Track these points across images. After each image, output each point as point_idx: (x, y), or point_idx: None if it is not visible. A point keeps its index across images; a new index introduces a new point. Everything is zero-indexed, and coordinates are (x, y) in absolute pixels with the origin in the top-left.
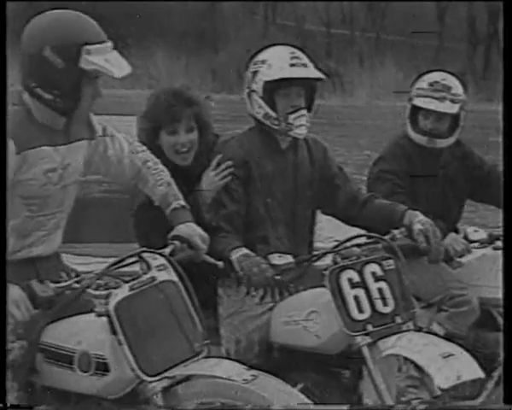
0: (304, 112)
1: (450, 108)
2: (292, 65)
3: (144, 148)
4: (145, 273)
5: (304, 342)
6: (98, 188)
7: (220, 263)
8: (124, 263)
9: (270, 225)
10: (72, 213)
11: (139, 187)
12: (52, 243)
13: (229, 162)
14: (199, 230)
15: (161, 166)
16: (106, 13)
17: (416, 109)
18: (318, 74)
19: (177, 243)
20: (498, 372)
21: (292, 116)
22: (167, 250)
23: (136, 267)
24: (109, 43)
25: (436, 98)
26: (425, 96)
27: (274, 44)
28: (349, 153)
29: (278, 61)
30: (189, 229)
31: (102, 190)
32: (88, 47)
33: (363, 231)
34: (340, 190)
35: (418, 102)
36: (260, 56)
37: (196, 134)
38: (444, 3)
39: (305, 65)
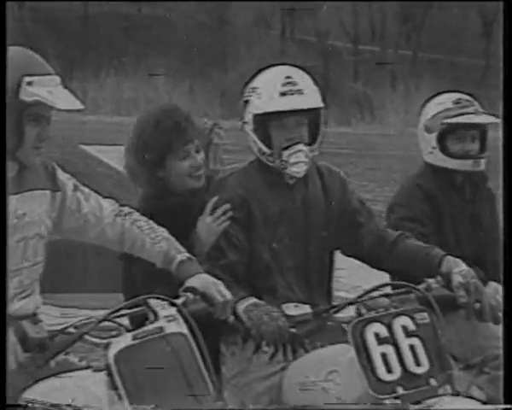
0: (300, 147)
1: (490, 119)
2: (282, 94)
3: (131, 209)
4: (152, 323)
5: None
6: None
7: (231, 317)
8: (128, 311)
9: (277, 273)
10: (55, 258)
11: (126, 250)
12: (28, 302)
13: (228, 206)
14: (214, 280)
15: (155, 225)
16: (100, 23)
17: (444, 135)
18: (313, 103)
19: (189, 294)
20: None
21: (286, 152)
22: (179, 301)
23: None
24: (57, 78)
25: (472, 113)
26: (458, 115)
27: (272, 66)
28: (380, 188)
29: (268, 90)
30: (203, 280)
31: None
32: (29, 78)
33: (391, 278)
34: (362, 227)
35: (459, 119)
36: (254, 83)
37: (203, 153)
38: (490, 16)
39: (300, 92)
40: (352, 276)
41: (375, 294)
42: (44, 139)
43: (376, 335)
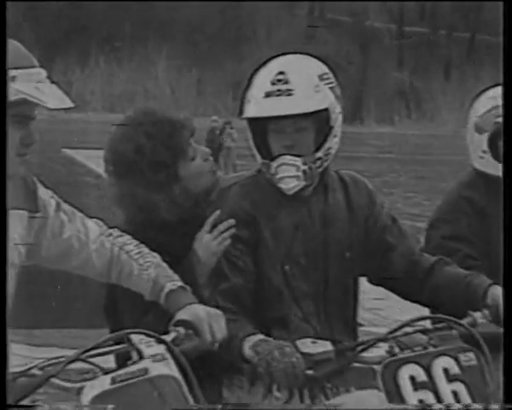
0: (288, 159)
1: None
2: (267, 95)
3: (121, 233)
4: (135, 363)
5: None
6: None
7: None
8: (105, 349)
9: (291, 301)
10: (27, 287)
11: (113, 280)
12: None
13: (231, 221)
14: (210, 312)
15: (146, 249)
16: (89, 4)
17: (497, 137)
18: (303, 107)
19: (181, 329)
20: None
21: (273, 164)
22: (169, 337)
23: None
24: (43, 71)
25: None
26: None
27: (284, 54)
28: (429, 201)
29: (255, 91)
30: (198, 312)
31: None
32: (12, 72)
33: (430, 311)
34: (394, 250)
35: None
36: (253, 79)
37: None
38: None
39: (288, 92)
40: (393, 308)
41: (410, 329)
42: (30, 144)
43: (412, 378)
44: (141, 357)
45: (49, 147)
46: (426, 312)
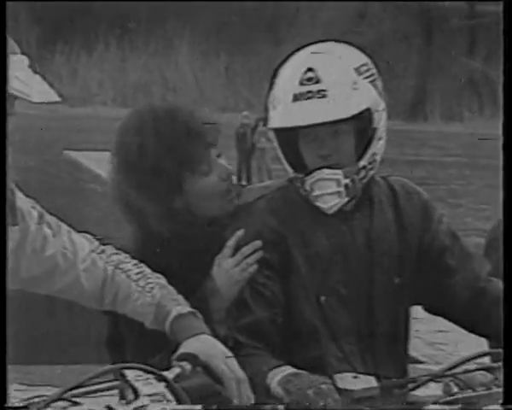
0: (326, 173)
1: None
2: (295, 98)
3: (114, 249)
4: (129, 403)
5: None
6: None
7: (251, 400)
8: (93, 387)
9: (327, 338)
10: (15, 315)
11: (107, 306)
12: None
13: (257, 243)
14: (221, 346)
15: (148, 270)
16: None
17: None
18: (340, 112)
19: (186, 364)
20: None
21: (309, 180)
22: (171, 374)
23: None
24: (25, 58)
25: None
26: None
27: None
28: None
29: (281, 93)
30: (206, 345)
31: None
32: None
33: (492, 345)
34: (454, 275)
35: None
36: (276, 77)
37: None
38: None
39: (321, 94)
40: (461, 342)
41: (470, 366)
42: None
43: None
44: (136, 396)
45: (48, 148)
46: (479, 347)
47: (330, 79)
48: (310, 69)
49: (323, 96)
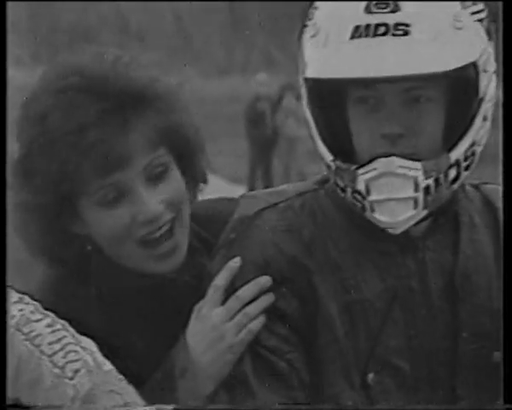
0: (396, 164)
1: None
2: (356, 33)
3: (40, 310)
4: None
5: None
6: None
7: None
8: None
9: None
10: None
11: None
12: None
13: (264, 281)
14: None
15: (68, 330)
16: None
17: None
18: (422, 63)
19: None
20: None
21: (364, 175)
22: None
23: None
24: None
25: None
26: None
27: None
28: None
29: (331, 24)
30: None
31: None
32: None
33: None
34: None
35: None
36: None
37: (177, 182)
38: None
39: (401, 28)
40: None
41: None
42: None
43: None
44: None
45: None
46: None
47: (417, 9)
48: None
49: (405, 34)
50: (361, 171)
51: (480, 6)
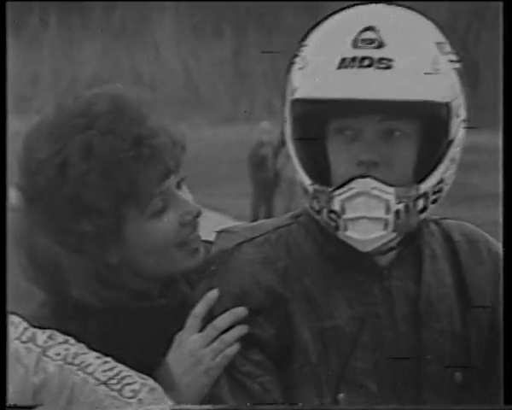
0: (371, 186)
1: None
2: (343, 64)
3: (36, 332)
4: None
5: None
6: None
7: None
8: None
9: None
10: None
11: None
12: None
13: (239, 311)
14: None
15: (80, 345)
16: None
17: None
18: (403, 91)
19: None
20: None
21: (338, 196)
22: None
23: None
24: None
25: None
26: None
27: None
28: None
29: (319, 56)
30: None
31: None
32: None
33: None
34: None
35: None
36: (310, 35)
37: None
38: None
39: (384, 62)
40: None
41: None
42: None
43: None
44: None
45: None
46: None
47: (400, 48)
48: (370, 28)
49: (388, 67)
50: (337, 192)
51: (454, 57)
